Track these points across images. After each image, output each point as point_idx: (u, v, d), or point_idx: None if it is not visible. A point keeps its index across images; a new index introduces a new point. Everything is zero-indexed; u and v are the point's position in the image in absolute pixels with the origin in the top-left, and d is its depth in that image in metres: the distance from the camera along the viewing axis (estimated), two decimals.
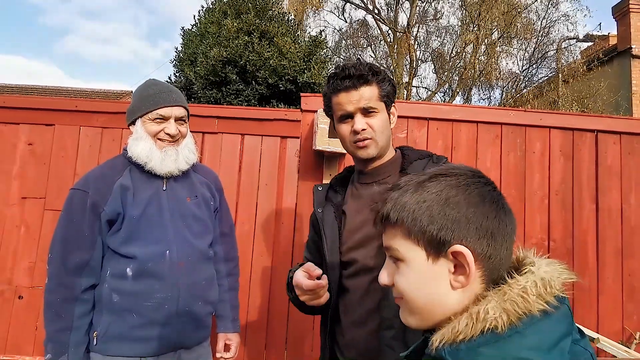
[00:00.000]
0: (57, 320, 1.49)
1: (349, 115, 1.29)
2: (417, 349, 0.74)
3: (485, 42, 13.28)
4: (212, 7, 8.21)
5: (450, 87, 14.92)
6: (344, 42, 15.86)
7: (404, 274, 0.71)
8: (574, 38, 13.25)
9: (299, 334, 2.50)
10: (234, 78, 7.05)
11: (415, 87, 15.75)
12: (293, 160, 2.64)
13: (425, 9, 14.88)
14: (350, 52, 15.58)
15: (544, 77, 13.98)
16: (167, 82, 3.40)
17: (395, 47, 14.49)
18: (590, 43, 13.17)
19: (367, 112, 1.27)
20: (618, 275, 2.62)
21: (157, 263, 1.54)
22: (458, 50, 14.26)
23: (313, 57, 7.49)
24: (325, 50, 8.27)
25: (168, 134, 1.60)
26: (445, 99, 15.05)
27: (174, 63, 8.44)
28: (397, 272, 0.72)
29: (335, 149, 2.39)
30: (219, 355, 1.78)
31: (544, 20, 13.93)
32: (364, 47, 15.83)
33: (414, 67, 14.54)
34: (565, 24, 16.06)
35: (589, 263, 2.62)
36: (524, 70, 14.42)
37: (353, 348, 1.27)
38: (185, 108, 1.67)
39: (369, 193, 1.31)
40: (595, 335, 2.37)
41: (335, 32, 15.82)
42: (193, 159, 1.68)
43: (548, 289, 0.64)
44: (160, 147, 1.59)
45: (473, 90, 14.79)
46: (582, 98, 11.33)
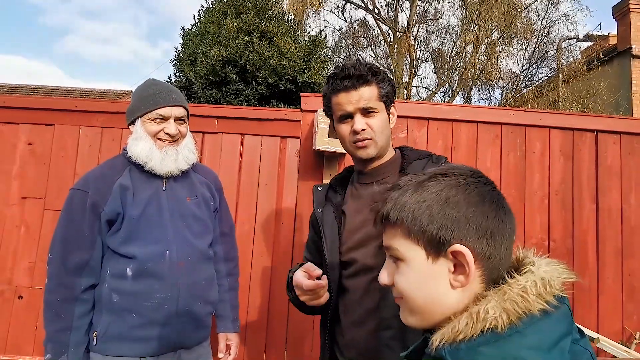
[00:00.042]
0: (56, 320, 1.48)
1: (349, 116, 1.29)
2: (417, 349, 0.74)
3: (485, 42, 13.28)
4: (212, 7, 8.21)
5: (450, 87, 14.92)
6: (344, 42, 15.86)
7: (404, 274, 0.71)
8: (574, 38, 13.26)
9: (299, 334, 2.50)
10: (234, 78, 7.04)
11: (415, 87, 15.77)
12: (293, 160, 2.64)
13: (426, 9, 14.89)
14: (350, 52, 15.58)
15: (544, 77, 13.99)
16: (167, 82, 3.40)
17: (395, 47, 14.49)
18: (590, 43, 13.17)
19: (366, 112, 1.27)
20: (618, 275, 2.62)
21: (156, 263, 1.54)
22: (458, 50, 14.27)
23: (313, 57, 7.49)
24: (325, 50, 8.27)
25: (168, 134, 1.60)
26: (445, 99, 15.05)
27: (174, 63, 8.44)
28: (397, 271, 0.72)
29: (335, 149, 2.39)
30: (220, 355, 1.78)
31: (544, 20, 13.95)
32: (364, 47, 15.83)
33: (414, 67, 14.55)
34: (565, 24, 16.11)
35: (589, 263, 2.62)
36: (524, 70, 14.43)
37: (353, 348, 1.27)
38: (185, 108, 1.67)
39: (369, 193, 1.31)
40: (595, 335, 2.37)
41: (335, 32, 15.83)
42: (193, 159, 1.68)
43: (548, 289, 0.64)
44: (160, 147, 1.59)
45: (473, 90, 14.81)
46: (582, 98, 11.33)
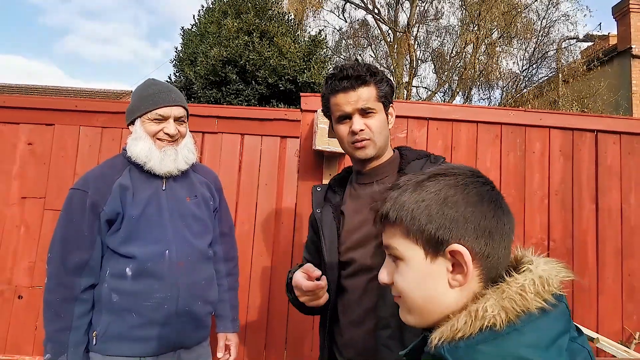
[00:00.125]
0: (56, 320, 1.48)
1: (347, 116, 1.29)
2: (416, 348, 0.74)
3: (485, 42, 13.28)
4: (212, 7, 8.21)
5: (450, 87, 14.92)
6: (344, 42, 15.86)
7: (403, 273, 0.71)
8: (574, 38, 13.25)
9: (299, 334, 2.50)
10: (234, 78, 7.04)
11: (415, 87, 15.76)
12: (293, 160, 2.64)
13: (426, 9, 14.89)
14: (351, 52, 15.59)
15: (544, 77, 13.98)
16: (167, 81, 3.40)
17: (395, 47, 14.49)
18: (590, 43, 13.16)
19: (365, 112, 1.27)
20: (618, 275, 2.62)
21: (156, 263, 1.54)
22: (458, 50, 14.25)
23: (313, 56, 7.49)
24: (325, 50, 8.26)
25: (167, 134, 1.60)
26: (445, 99, 15.05)
27: (174, 63, 8.43)
28: (396, 271, 0.73)
29: (335, 149, 2.39)
30: (219, 355, 1.78)
31: (544, 20, 13.93)
32: (364, 47, 15.83)
33: (414, 67, 14.55)
34: (565, 24, 16.09)
35: (589, 263, 2.62)
36: (524, 70, 14.42)
37: (351, 348, 1.27)
38: (185, 108, 1.67)
39: (367, 193, 1.31)
40: (595, 335, 2.37)
41: (336, 32, 15.83)
42: (192, 159, 1.68)
43: (546, 287, 0.64)
44: (160, 147, 1.59)
45: (473, 90, 14.80)
46: (582, 98, 11.33)
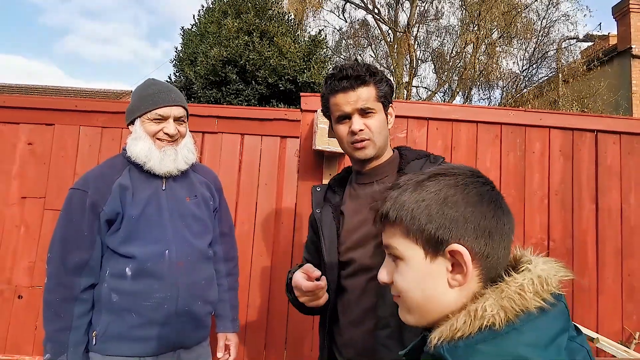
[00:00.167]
0: (56, 320, 1.48)
1: (347, 116, 1.28)
2: (415, 347, 0.74)
3: (485, 42, 13.27)
4: (212, 6, 8.20)
5: (450, 87, 14.91)
6: (344, 42, 15.85)
7: (403, 273, 0.71)
8: (574, 38, 13.24)
9: (299, 334, 2.50)
10: (234, 78, 7.04)
11: (415, 87, 15.76)
12: (293, 160, 2.64)
13: (426, 9, 14.89)
14: (351, 52, 15.58)
15: (544, 77, 13.97)
16: (166, 81, 3.40)
17: (395, 47, 14.49)
18: (590, 43, 13.16)
19: (364, 112, 1.27)
20: (618, 275, 2.62)
21: (156, 263, 1.54)
22: (458, 50, 14.25)
23: (313, 56, 7.49)
24: (325, 50, 8.26)
25: (167, 134, 1.60)
26: (445, 99, 15.05)
27: (174, 63, 8.43)
28: (395, 270, 0.73)
29: (335, 149, 2.39)
30: (219, 355, 1.78)
31: (544, 20, 13.93)
32: (364, 47, 15.82)
33: (414, 67, 14.55)
34: (566, 24, 16.09)
35: (589, 263, 2.62)
36: (524, 70, 14.42)
37: (351, 347, 1.27)
38: (185, 108, 1.67)
39: (367, 193, 1.31)
40: (595, 335, 2.37)
41: (336, 32, 15.83)
42: (192, 159, 1.68)
43: (545, 287, 0.64)
44: (159, 146, 1.59)
45: (473, 90, 14.79)
46: (582, 98, 11.33)
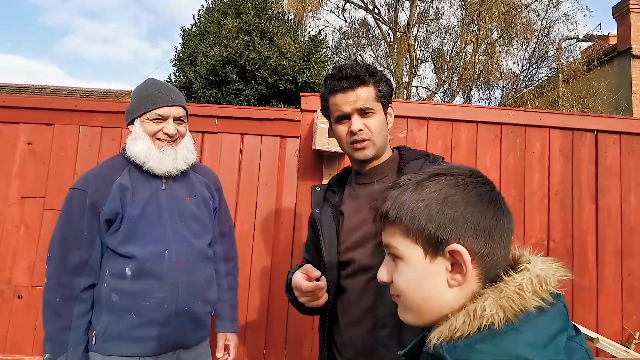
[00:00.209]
0: (56, 320, 1.48)
1: (346, 116, 1.28)
2: (415, 347, 0.74)
3: (485, 42, 13.27)
4: (212, 6, 8.20)
5: (450, 87, 14.90)
6: (344, 42, 15.85)
7: (402, 272, 0.71)
8: (574, 38, 13.24)
9: (299, 334, 2.50)
10: (234, 78, 7.04)
11: (415, 87, 15.74)
12: (293, 160, 2.64)
13: (426, 9, 14.88)
14: (351, 51, 15.58)
15: (544, 77, 13.96)
16: (166, 81, 3.40)
17: (395, 47, 14.48)
18: (590, 43, 13.15)
19: (364, 112, 1.27)
20: (618, 275, 2.62)
21: (156, 263, 1.54)
22: (458, 50, 14.25)
23: (313, 56, 7.48)
24: (325, 50, 8.25)
25: (166, 134, 1.60)
26: (445, 99, 15.04)
27: (174, 63, 8.43)
28: (395, 269, 0.73)
29: (335, 149, 2.39)
30: (219, 355, 1.78)
31: (544, 20, 13.91)
32: (364, 47, 15.82)
33: (414, 67, 14.53)
34: (566, 24, 16.04)
35: (589, 263, 2.62)
36: (524, 70, 14.41)
37: (350, 347, 1.27)
38: (184, 108, 1.67)
39: (367, 193, 1.31)
40: (595, 335, 2.37)
41: (336, 31, 15.82)
42: (192, 159, 1.68)
43: (544, 286, 0.64)
44: (159, 146, 1.59)
45: (473, 90, 14.78)
46: (582, 98, 11.32)
